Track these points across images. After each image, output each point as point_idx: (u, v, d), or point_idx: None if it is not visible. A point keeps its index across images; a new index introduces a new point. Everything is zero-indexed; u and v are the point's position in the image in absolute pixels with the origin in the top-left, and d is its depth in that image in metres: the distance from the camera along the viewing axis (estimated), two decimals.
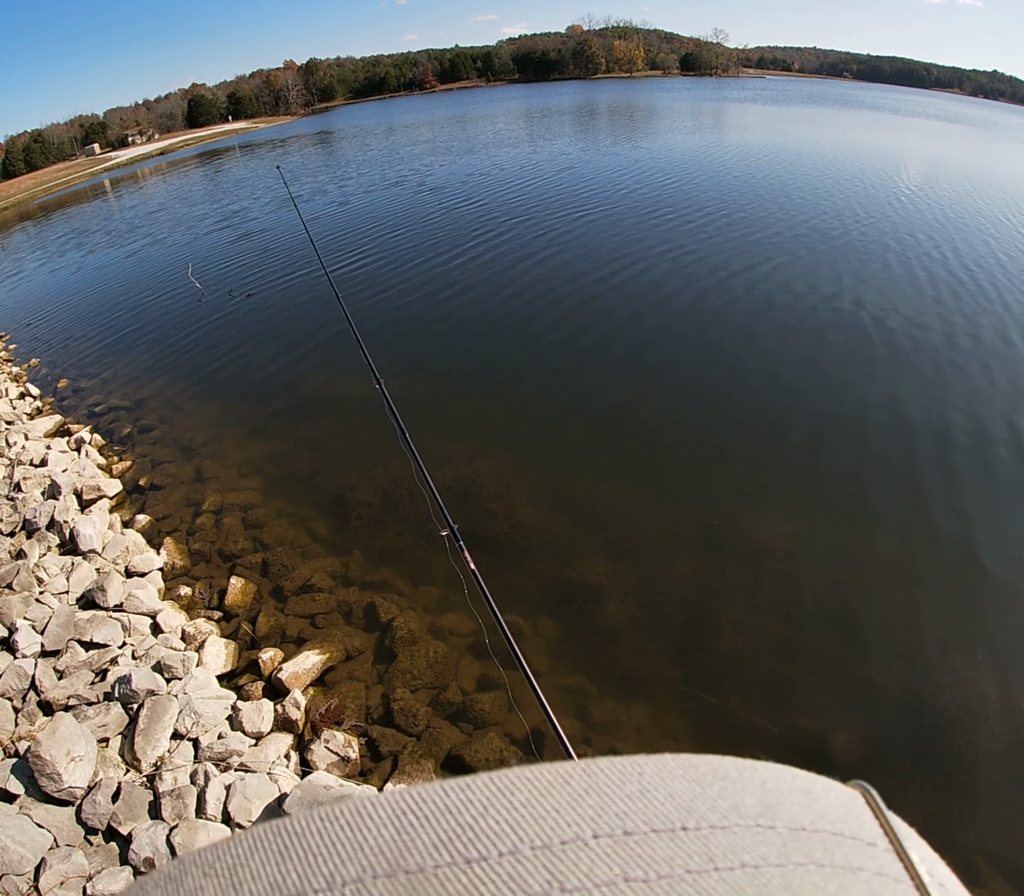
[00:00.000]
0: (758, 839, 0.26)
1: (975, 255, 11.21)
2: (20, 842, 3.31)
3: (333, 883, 0.23)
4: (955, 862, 0.90)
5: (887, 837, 0.29)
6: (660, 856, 0.25)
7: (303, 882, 0.24)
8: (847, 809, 0.30)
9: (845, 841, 0.28)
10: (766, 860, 0.25)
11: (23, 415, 8.94)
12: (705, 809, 0.27)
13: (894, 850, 0.29)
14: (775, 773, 0.31)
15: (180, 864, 0.26)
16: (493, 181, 19.70)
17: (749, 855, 0.25)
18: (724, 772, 0.30)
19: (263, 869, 0.25)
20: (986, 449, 5.96)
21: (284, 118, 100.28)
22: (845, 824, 0.29)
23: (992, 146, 33.93)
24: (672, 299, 9.48)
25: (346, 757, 3.67)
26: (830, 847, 0.27)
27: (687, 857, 0.25)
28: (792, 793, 0.30)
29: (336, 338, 9.39)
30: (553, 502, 5.64)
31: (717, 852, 0.25)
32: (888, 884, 0.27)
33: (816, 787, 0.31)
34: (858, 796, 0.32)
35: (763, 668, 4.17)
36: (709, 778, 0.29)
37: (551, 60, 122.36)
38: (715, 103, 53.14)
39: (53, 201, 41.08)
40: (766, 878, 0.25)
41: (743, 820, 0.27)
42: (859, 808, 0.31)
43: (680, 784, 0.28)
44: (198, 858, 0.26)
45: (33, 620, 4.84)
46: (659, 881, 0.24)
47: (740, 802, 0.28)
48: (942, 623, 4.40)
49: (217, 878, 0.25)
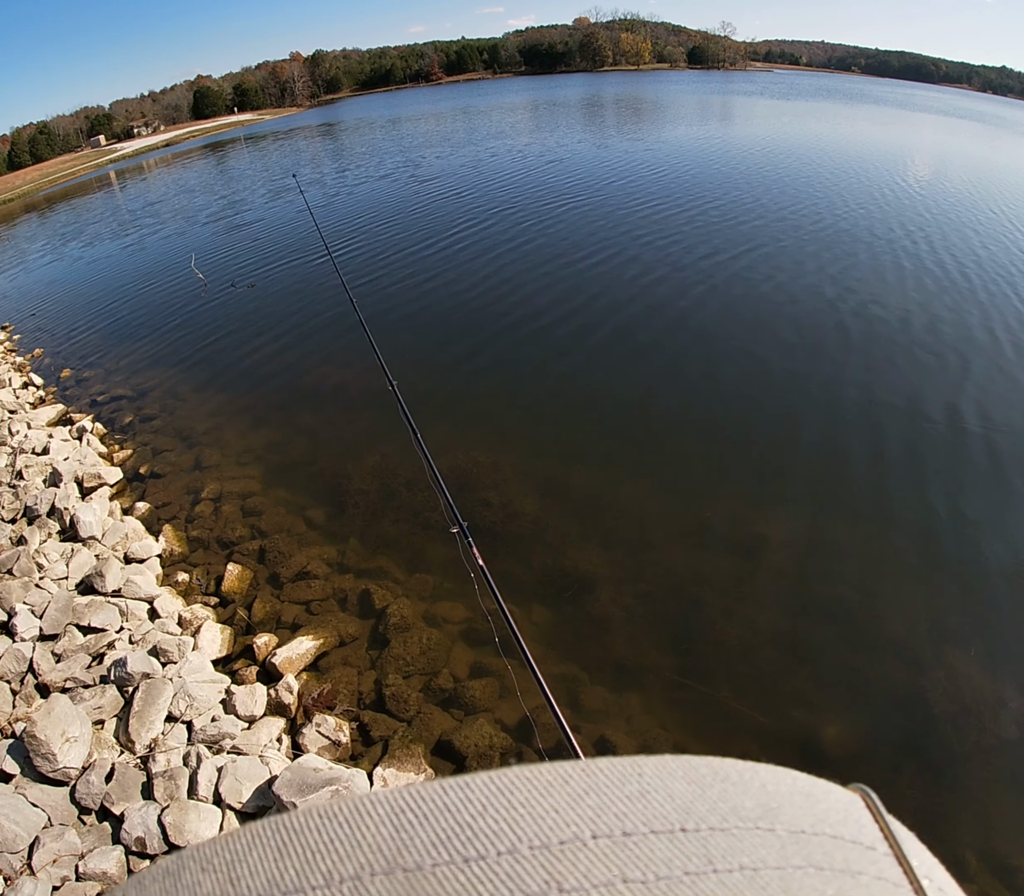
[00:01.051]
0: (757, 841, 0.26)
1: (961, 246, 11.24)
2: (15, 821, 3.36)
3: (331, 880, 0.23)
4: (945, 857, 0.91)
5: (887, 841, 0.29)
6: (659, 857, 0.24)
7: (301, 878, 0.24)
8: (847, 812, 0.30)
9: (844, 844, 0.28)
10: (765, 863, 0.25)
11: (26, 404, 8.99)
12: (705, 811, 0.27)
13: (893, 854, 0.29)
14: (775, 776, 0.31)
15: (178, 859, 0.26)
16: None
17: (748, 857, 0.25)
18: (724, 774, 0.30)
19: (261, 865, 0.25)
20: (982, 441, 5.94)
21: (290, 110, 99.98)
22: (845, 827, 0.29)
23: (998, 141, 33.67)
24: (657, 293, 9.45)
25: (337, 741, 3.71)
26: (829, 850, 0.27)
27: (686, 859, 0.25)
28: (792, 796, 0.30)
29: (337, 329, 9.41)
30: (548, 492, 5.65)
31: (716, 854, 0.25)
32: (887, 888, 0.27)
33: (816, 790, 0.31)
34: (858, 799, 0.32)
35: (755, 659, 4.18)
36: (709, 780, 0.29)
37: (558, 53, 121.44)
38: (721, 96, 52.75)
39: (58, 192, 41.10)
40: (765, 881, 0.24)
41: (742, 822, 0.27)
42: (859, 812, 0.31)
43: (680, 785, 0.28)
44: (196, 853, 0.26)
45: (32, 605, 4.88)
46: (657, 882, 0.23)
47: (740, 804, 0.28)
48: (935, 616, 4.40)
49: (215, 873, 0.25)
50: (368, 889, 0.23)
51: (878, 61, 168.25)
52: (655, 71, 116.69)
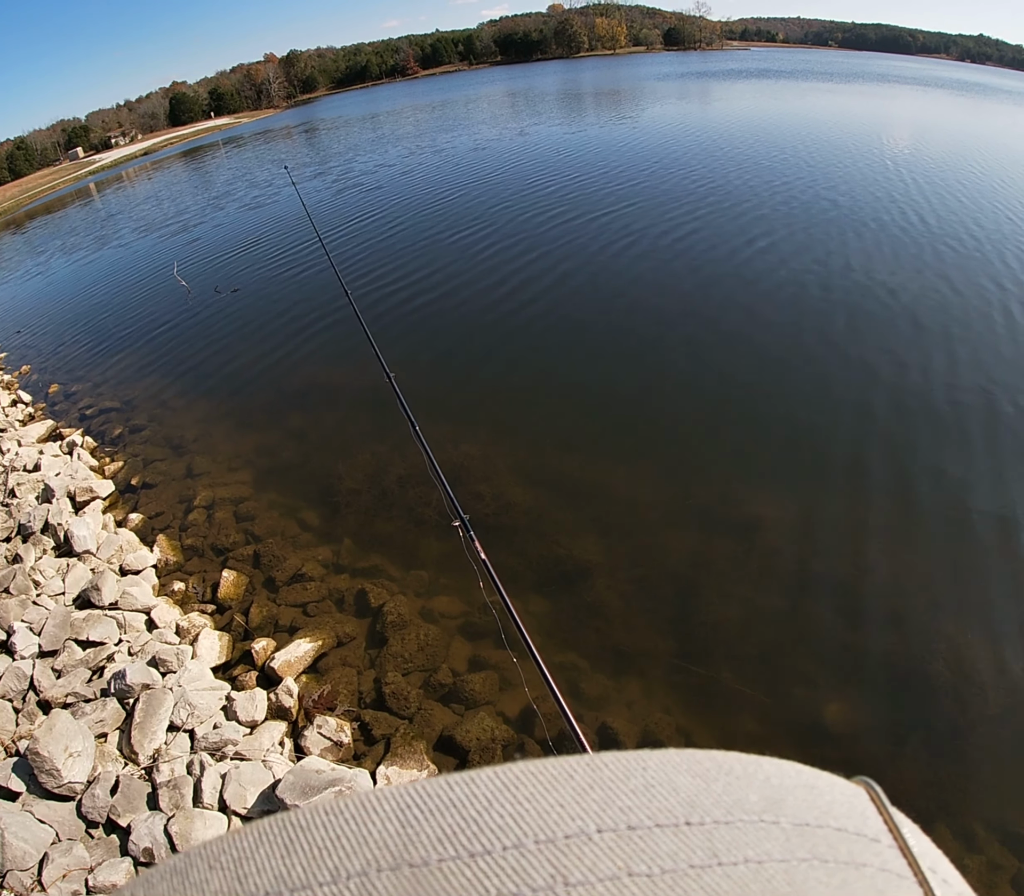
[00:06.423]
0: (762, 834, 0.26)
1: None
2: (23, 838, 3.36)
3: (338, 876, 0.23)
4: (952, 828, 0.88)
5: (891, 833, 0.29)
6: (664, 851, 0.24)
7: (308, 875, 0.24)
8: (851, 805, 0.30)
9: (849, 837, 0.28)
10: (770, 855, 0.25)
11: (15, 422, 8.96)
12: (709, 804, 0.27)
13: (898, 846, 0.29)
14: (779, 769, 0.31)
15: (186, 857, 0.26)
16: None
17: (753, 850, 0.25)
18: (728, 767, 0.30)
19: (268, 862, 0.25)
20: (983, 413, 5.91)
21: (267, 111, 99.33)
22: (849, 820, 0.29)
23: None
24: (640, 280, 9.41)
25: (339, 742, 3.70)
26: (834, 843, 0.27)
27: (691, 852, 0.25)
28: (796, 789, 0.30)
29: (322, 329, 9.38)
30: (540, 481, 5.63)
31: (721, 847, 0.25)
32: (891, 880, 0.27)
33: (820, 783, 0.31)
34: (862, 792, 0.32)
35: (754, 639, 4.17)
36: (713, 773, 0.29)
37: (533, 41, 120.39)
38: (696, 79, 52.34)
39: (40, 207, 40.86)
40: (770, 873, 0.25)
41: (747, 815, 0.27)
42: (863, 804, 0.31)
43: (684, 779, 0.28)
44: (203, 851, 0.26)
45: (30, 622, 4.88)
46: (663, 876, 0.23)
47: (744, 797, 0.28)
48: (933, 589, 4.38)
49: (223, 871, 0.25)
50: (375, 885, 0.23)
51: (855, 34, 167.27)
52: (632, 55, 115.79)
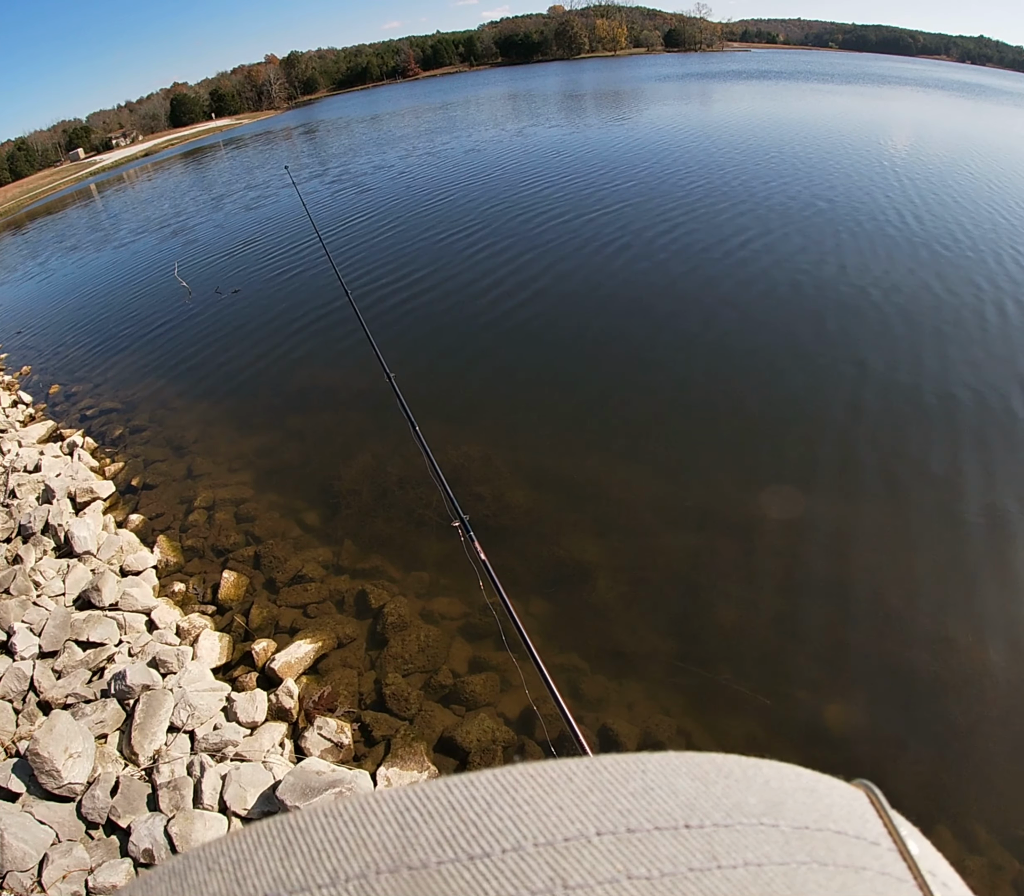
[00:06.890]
0: (761, 837, 0.26)
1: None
2: (23, 839, 3.35)
3: (337, 878, 0.23)
4: (953, 830, 0.87)
5: (890, 836, 0.29)
6: (663, 854, 0.24)
7: (307, 877, 0.24)
8: (851, 808, 0.30)
9: (848, 840, 0.28)
10: (769, 858, 0.25)
11: (16, 423, 8.96)
12: (708, 807, 0.27)
13: (897, 850, 0.29)
14: (779, 771, 0.31)
15: (184, 859, 0.26)
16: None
17: (752, 853, 0.25)
18: (728, 770, 0.30)
19: (267, 864, 0.25)
20: (975, 412, 5.91)
21: (268, 113, 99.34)
22: (848, 823, 0.29)
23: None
24: (647, 280, 9.41)
25: (339, 743, 3.70)
26: (833, 846, 0.27)
27: (690, 855, 0.25)
28: (796, 792, 0.30)
29: (322, 330, 9.37)
30: (541, 482, 5.63)
31: (720, 850, 0.25)
32: (891, 883, 0.27)
33: (820, 786, 0.31)
34: (862, 795, 0.32)
35: (755, 641, 4.17)
36: (713, 776, 0.29)
37: (534, 42, 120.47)
38: (696, 80, 52.38)
39: (41, 208, 40.84)
40: (769, 876, 0.25)
41: (746, 818, 0.27)
42: (863, 807, 0.31)
43: (683, 782, 0.28)
44: (202, 853, 0.26)
45: (31, 623, 4.88)
46: (662, 879, 0.23)
47: (743, 800, 0.28)
48: (934, 590, 4.37)
49: (221, 873, 0.25)
50: (374, 887, 0.23)
51: (855, 36, 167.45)
52: (632, 56, 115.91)
